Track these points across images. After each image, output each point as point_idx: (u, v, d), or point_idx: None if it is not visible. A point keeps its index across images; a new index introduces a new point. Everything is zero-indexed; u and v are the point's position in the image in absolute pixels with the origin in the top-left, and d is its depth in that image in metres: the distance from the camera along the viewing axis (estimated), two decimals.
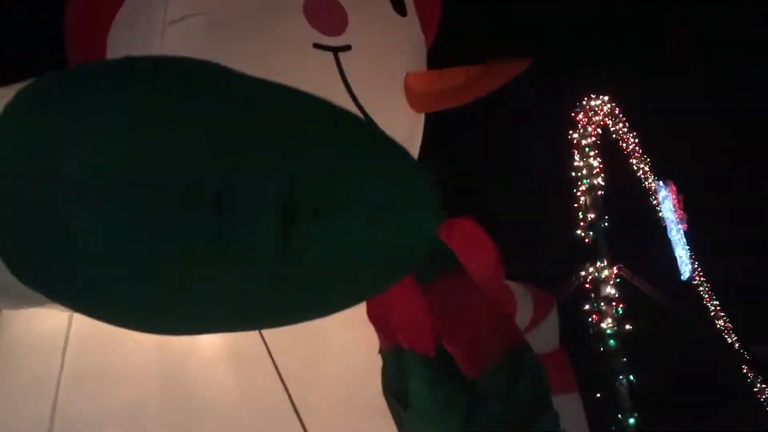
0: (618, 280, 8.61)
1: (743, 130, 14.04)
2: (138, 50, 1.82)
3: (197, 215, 0.83)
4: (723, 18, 13.09)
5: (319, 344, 1.52)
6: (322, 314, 1.04)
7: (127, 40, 1.91)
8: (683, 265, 12.07)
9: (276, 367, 1.43)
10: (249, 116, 0.87)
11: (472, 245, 1.77)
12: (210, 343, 1.47)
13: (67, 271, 0.87)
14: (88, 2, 2.00)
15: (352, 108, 1.72)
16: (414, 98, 1.84)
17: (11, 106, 0.87)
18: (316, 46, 1.71)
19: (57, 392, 1.42)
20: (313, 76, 1.69)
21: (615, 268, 8.67)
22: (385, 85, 1.82)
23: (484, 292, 1.42)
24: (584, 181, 9.56)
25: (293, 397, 1.48)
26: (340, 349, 1.54)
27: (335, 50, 1.73)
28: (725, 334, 11.77)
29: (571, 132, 11.06)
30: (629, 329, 8.24)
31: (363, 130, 1.01)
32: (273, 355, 1.43)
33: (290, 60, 1.69)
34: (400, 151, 0.99)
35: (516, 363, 1.31)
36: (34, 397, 1.44)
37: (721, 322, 11.95)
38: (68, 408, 1.42)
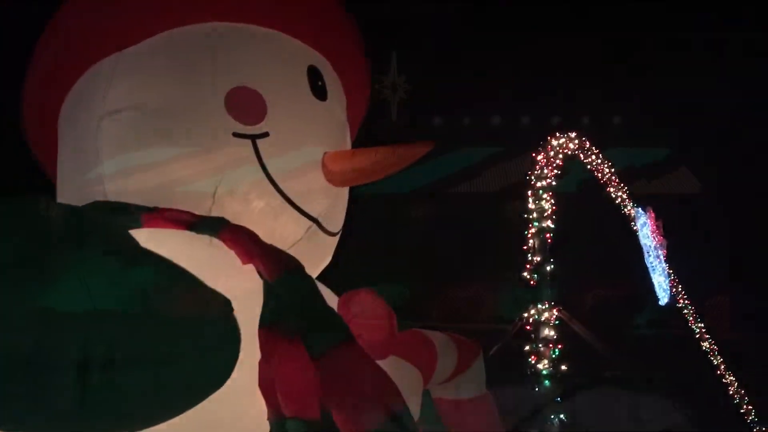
0: (558, 322, 8.86)
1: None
2: (80, 140, 2.02)
3: (22, 377, 1.19)
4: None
5: (228, 412, 1.58)
6: None
7: (71, 129, 2.09)
8: (661, 291, 12.04)
9: None
10: (57, 295, 1.21)
11: (368, 315, 1.98)
12: None
13: None
14: (37, 96, 2.18)
15: (269, 190, 1.94)
16: (331, 176, 2.04)
17: None
18: (236, 134, 1.91)
19: None
20: (234, 163, 1.90)
21: (555, 310, 8.90)
22: (301, 167, 2.01)
23: (373, 361, 1.54)
24: (534, 223, 9.77)
25: None
26: (256, 415, 1.58)
27: (253, 138, 1.93)
28: (711, 356, 11.84)
29: (529, 173, 11.08)
30: (565, 370, 8.48)
31: (155, 287, 1.30)
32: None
33: (212, 148, 1.90)
34: (193, 302, 1.32)
35: (394, 428, 1.40)
36: None
37: (706, 344, 12.02)
38: None
